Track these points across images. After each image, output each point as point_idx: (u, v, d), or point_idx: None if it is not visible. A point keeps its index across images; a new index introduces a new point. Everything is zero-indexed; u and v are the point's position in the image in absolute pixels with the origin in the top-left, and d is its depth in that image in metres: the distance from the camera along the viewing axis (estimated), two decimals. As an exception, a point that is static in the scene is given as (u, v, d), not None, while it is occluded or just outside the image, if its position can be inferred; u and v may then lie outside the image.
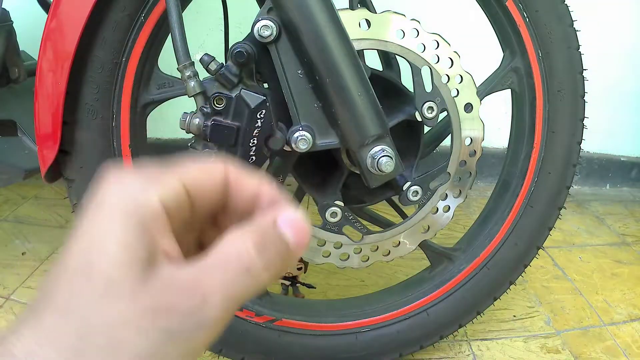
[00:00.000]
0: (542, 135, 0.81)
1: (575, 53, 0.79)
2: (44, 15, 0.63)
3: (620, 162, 1.71)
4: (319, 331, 0.81)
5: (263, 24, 0.59)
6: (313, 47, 0.59)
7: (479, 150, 0.74)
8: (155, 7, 0.64)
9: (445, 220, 0.78)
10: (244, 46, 0.60)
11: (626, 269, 1.24)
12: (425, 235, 0.78)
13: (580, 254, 1.30)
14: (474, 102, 0.71)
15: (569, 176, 0.85)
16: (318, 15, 0.58)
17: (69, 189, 0.69)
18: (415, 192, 0.73)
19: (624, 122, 1.67)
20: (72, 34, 0.60)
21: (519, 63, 0.79)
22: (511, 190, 0.85)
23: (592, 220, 1.50)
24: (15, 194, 1.49)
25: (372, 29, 0.66)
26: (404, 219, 0.77)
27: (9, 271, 1.13)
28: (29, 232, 1.29)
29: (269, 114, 0.60)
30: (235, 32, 0.80)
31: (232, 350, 0.80)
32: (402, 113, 0.71)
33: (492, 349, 0.95)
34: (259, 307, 0.79)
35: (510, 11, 0.75)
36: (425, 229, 0.77)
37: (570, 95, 0.81)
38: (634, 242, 1.38)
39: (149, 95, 0.69)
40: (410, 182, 0.72)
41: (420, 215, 0.76)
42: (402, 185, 0.72)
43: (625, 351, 0.96)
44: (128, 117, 0.68)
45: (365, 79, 0.62)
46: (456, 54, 0.69)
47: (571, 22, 0.77)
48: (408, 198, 0.73)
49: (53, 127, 0.63)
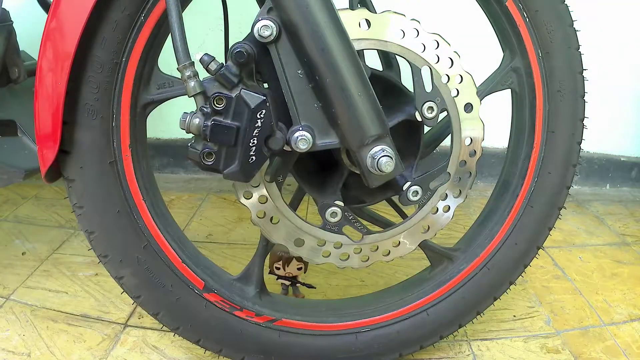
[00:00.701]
0: (542, 135, 0.81)
1: (575, 53, 0.79)
2: (44, 15, 0.63)
3: (620, 162, 1.71)
4: (319, 331, 0.81)
5: (263, 24, 0.59)
6: (313, 47, 0.59)
7: (479, 150, 0.74)
8: (155, 7, 0.64)
9: (445, 220, 0.78)
10: (244, 46, 0.60)
11: (626, 269, 1.24)
12: (425, 235, 0.78)
13: (580, 254, 1.30)
14: (474, 102, 0.71)
15: (569, 176, 0.85)
16: (318, 15, 0.58)
17: (69, 189, 0.69)
18: (415, 192, 0.73)
19: (624, 122, 1.67)
20: (72, 34, 0.60)
21: (519, 63, 0.79)
22: (511, 190, 0.85)
23: (592, 220, 1.50)
24: (15, 194, 1.49)
25: (372, 29, 0.66)
26: (404, 219, 0.77)
27: (9, 271, 1.13)
28: (29, 232, 1.30)
29: (269, 114, 0.60)
30: (235, 32, 0.80)
31: (232, 350, 0.80)
32: (402, 113, 0.71)
33: (492, 349, 0.95)
34: (259, 307, 0.79)
35: (510, 11, 0.75)
36: (425, 229, 0.78)
37: (570, 95, 0.81)
38: (634, 242, 1.38)
39: (149, 95, 0.69)
40: (410, 182, 0.72)
41: (420, 215, 0.76)
42: (402, 185, 0.72)
43: (625, 351, 0.96)
44: (128, 117, 0.68)
45: (365, 79, 0.62)
46: (456, 54, 0.69)
47: (571, 22, 0.77)
48: (408, 198, 0.73)
49: (53, 127, 0.63)
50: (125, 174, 0.70)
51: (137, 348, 0.92)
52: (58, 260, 1.18)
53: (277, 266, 0.90)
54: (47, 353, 0.90)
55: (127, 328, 0.97)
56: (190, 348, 0.91)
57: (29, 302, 1.03)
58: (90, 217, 0.70)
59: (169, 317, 0.77)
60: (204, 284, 0.76)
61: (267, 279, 0.82)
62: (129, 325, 0.98)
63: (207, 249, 1.24)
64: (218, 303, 0.77)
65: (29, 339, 0.93)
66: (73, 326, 0.97)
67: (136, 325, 0.98)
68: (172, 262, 0.74)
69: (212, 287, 0.76)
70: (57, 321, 0.98)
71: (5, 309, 1.01)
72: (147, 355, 0.91)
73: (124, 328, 0.97)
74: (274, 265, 0.90)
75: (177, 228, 0.77)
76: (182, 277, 0.75)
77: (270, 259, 0.90)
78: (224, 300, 0.77)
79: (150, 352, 0.91)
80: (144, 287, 0.74)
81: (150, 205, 0.72)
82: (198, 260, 0.78)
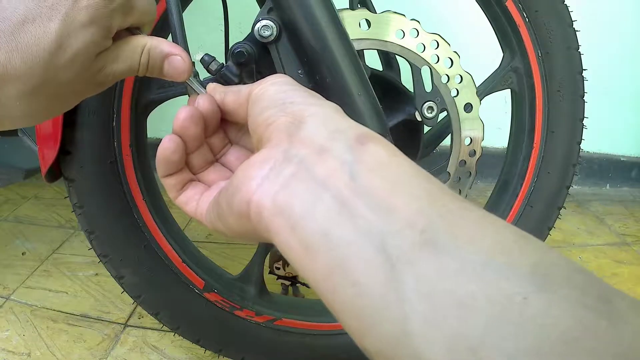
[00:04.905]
0: (541, 135, 0.82)
1: (575, 53, 0.79)
2: (44, 15, 0.63)
3: (620, 162, 1.71)
4: (319, 331, 0.81)
5: (263, 24, 0.59)
6: (313, 47, 0.59)
7: (479, 150, 0.74)
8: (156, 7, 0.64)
9: (445, 220, 0.78)
10: (244, 46, 0.60)
11: (626, 269, 1.24)
12: (425, 235, 0.78)
13: (580, 254, 1.30)
14: (474, 102, 0.71)
15: (569, 176, 0.85)
16: (318, 16, 0.58)
17: (69, 189, 0.69)
18: (415, 192, 0.73)
19: (624, 122, 1.67)
20: (73, 34, 0.60)
21: (519, 63, 0.79)
22: (511, 190, 0.85)
23: (592, 220, 1.50)
24: (15, 194, 1.49)
25: (372, 29, 0.66)
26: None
27: (9, 271, 1.13)
28: (29, 232, 1.30)
29: (269, 114, 0.60)
30: (235, 32, 0.80)
31: (232, 350, 0.80)
32: (402, 113, 0.71)
33: (492, 349, 0.95)
34: (259, 307, 0.79)
35: (510, 11, 0.75)
36: (425, 229, 0.77)
37: (570, 95, 0.81)
38: (634, 242, 1.38)
39: (149, 95, 0.69)
40: (410, 182, 0.72)
41: (420, 215, 0.76)
42: (402, 185, 0.72)
43: (625, 351, 0.96)
44: (128, 117, 0.68)
45: (365, 79, 0.62)
46: (456, 54, 0.69)
47: (571, 22, 0.78)
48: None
49: (53, 127, 0.63)
50: (126, 173, 0.70)
51: (137, 348, 0.92)
52: (58, 260, 1.18)
53: (277, 266, 0.90)
54: (47, 353, 0.90)
55: (127, 328, 0.97)
56: (190, 348, 0.91)
57: (29, 302, 1.03)
58: (90, 217, 0.70)
59: (169, 317, 0.77)
60: (204, 283, 0.76)
61: (267, 279, 0.82)
62: (129, 325, 0.98)
63: (207, 249, 1.24)
64: (218, 303, 0.77)
65: (29, 339, 0.93)
66: (73, 326, 0.97)
67: (136, 325, 0.98)
68: (172, 262, 0.74)
69: (212, 287, 0.77)
70: (57, 321, 0.98)
71: (5, 309, 1.01)
72: (147, 355, 0.91)
73: (124, 328, 0.97)
74: (274, 265, 0.90)
75: (177, 228, 0.77)
76: (182, 277, 0.75)
77: (270, 259, 0.90)
78: (224, 300, 0.77)
79: (150, 352, 0.91)
80: (144, 286, 0.75)
81: (150, 205, 0.72)
82: (198, 260, 0.78)
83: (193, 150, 0.41)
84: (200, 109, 0.40)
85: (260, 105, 0.36)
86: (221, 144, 0.43)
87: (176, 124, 0.39)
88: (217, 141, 0.43)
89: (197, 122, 0.39)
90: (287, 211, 0.28)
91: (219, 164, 0.43)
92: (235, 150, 0.44)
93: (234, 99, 0.40)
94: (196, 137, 0.40)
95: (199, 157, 0.42)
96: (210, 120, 0.41)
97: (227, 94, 0.40)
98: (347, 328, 0.27)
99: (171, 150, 0.39)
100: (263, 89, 0.37)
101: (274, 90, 0.36)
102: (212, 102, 0.40)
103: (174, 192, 0.41)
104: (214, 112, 0.41)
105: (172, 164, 0.40)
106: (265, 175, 0.31)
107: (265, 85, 0.37)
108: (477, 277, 0.22)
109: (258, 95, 0.37)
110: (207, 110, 0.40)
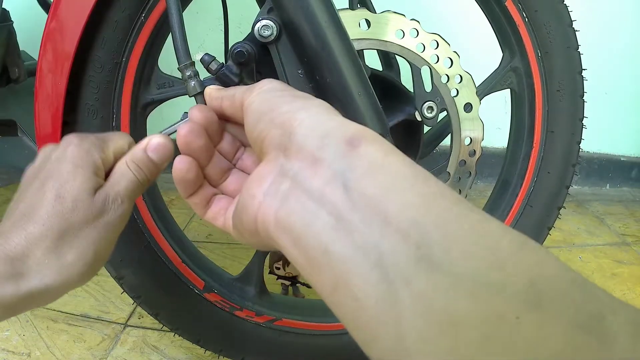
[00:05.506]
0: (541, 135, 0.82)
1: (575, 53, 0.79)
2: (44, 15, 0.63)
3: (620, 162, 1.71)
4: (319, 331, 0.81)
5: (263, 24, 0.59)
6: (313, 47, 0.59)
7: (479, 150, 0.74)
8: (156, 7, 0.64)
9: (445, 220, 0.77)
10: (244, 46, 0.60)
11: (626, 269, 1.24)
12: (425, 235, 0.78)
13: (580, 254, 1.30)
14: (474, 102, 0.71)
15: (569, 176, 0.85)
16: (318, 15, 0.58)
17: (69, 188, 0.69)
18: (415, 192, 0.73)
19: (624, 122, 1.67)
20: (72, 34, 0.60)
21: (519, 63, 0.79)
22: (511, 190, 0.85)
23: (592, 220, 1.50)
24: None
25: (372, 29, 0.66)
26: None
27: (9, 271, 1.13)
28: (29, 232, 1.29)
29: (269, 114, 0.60)
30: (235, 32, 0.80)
31: (232, 350, 0.80)
32: (402, 113, 0.71)
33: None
34: (259, 307, 0.79)
35: (510, 11, 0.75)
36: (425, 229, 0.77)
37: (570, 95, 0.81)
38: (634, 242, 1.38)
39: (149, 95, 0.69)
40: (410, 181, 0.72)
41: (420, 215, 0.76)
42: (402, 185, 0.72)
43: (625, 351, 0.96)
44: (128, 117, 0.68)
45: (365, 79, 0.62)
46: (456, 54, 0.69)
47: (570, 22, 0.78)
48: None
49: (53, 127, 0.63)
50: (126, 173, 0.70)
51: (137, 348, 0.92)
52: (58, 260, 1.18)
53: (277, 266, 0.90)
54: (47, 353, 0.90)
55: (127, 328, 0.97)
56: (190, 348, 0.91)
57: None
58: (90, 217, 0.70)
59: (169, 317, 0.77)
60: (204, 283, 0.76)
61: (267, 279, 0.82)
62: (129, 325, 0.98)
63: (207, 249, 1.24)
64: (218, 303, 0.77)
65: (29, 339, 0.93)
66: (73, 326, 0.97)
67: (136, 325, 0.98)
68: (172, 262, 0.74)
69: (212, 287, 0.77)
70: (57, 321, 0.98)
71: (6, 309, 1.01)
72: (147, 355, 0.91)
73: (124, 328, 0.97)
74: (274, 265, 0.90)
75: (177, 228, 0.77)
76: (182, 277, 0.75)
77: (270, 259, 0.90)
78: (224, 300, 0.77)
79: (150, 352, 0.91)
80: (144, 287, 0.75)
81: (150, 205, 0.72)
82: (198, 261, 0.78)
83: (206, 163, 0.41)
84: (196, 121, 0.40)
85: (252, 118, 0.36)
86: (233, 149, 0.43)
87: (180, 142, 0.39)
88: (227, 146, 0.43)
89: (199, 133, 0.39)
90: (289, 228, 0.29)
91: (237, 170, 0.43)
92: (250, 153, 0.44)
93: (230, 105, 0.40)
94: (204, 148, 0.40)
95: (214, 168, 0.42)
96: (212, 128, 0.41)
97: (223, 100, 0.41)
98: (354, 338, 0.28)
99: (185, 170, 0.39)
100: (251, 100, 0.37)
101: (260, 101, 0.36)
102: (206, 110, 0.40)
103: (199, 209, 0.42)
104: (212, 120, 0.41)
105: (190, 182, 0.40)
106: (266, 192, 0.31)
107: (252, 97, 0.37)
108: (470, 294, 0.22)
109: (248, 107, 0.37)
110: (203, 119, 0.40)
